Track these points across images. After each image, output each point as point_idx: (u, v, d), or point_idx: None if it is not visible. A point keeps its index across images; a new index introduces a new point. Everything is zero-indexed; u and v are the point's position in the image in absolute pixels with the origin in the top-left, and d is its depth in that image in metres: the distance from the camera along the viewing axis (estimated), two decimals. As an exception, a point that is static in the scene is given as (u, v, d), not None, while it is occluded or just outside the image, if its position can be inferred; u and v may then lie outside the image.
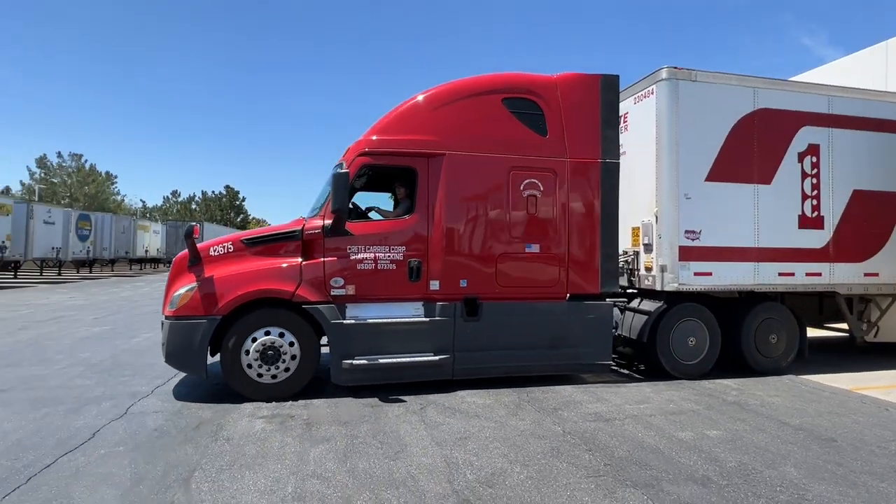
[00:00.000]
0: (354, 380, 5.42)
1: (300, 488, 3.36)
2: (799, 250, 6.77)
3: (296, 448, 4.04)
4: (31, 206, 23.74)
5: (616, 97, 6.29)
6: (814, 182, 6.84)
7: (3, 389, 5.48)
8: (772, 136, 6.72)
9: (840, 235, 6.90)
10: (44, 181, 49.95)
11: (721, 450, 4.17)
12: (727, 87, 6.60)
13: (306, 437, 4.29)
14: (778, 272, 6.68)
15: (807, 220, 6.81)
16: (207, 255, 5.49)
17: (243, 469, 3.63)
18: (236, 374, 5.21)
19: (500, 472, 3.67)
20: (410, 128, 5.86)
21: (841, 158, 6.94)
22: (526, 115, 6.03)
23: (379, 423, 4.64)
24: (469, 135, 5.88)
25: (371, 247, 5.58)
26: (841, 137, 6.95)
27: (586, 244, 6.11)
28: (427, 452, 4.00)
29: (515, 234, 5.94)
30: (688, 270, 6.37)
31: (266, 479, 3.48)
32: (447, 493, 3.35)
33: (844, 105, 7.00)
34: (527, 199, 5.96)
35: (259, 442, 4.15)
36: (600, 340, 6.14)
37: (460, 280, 5.76)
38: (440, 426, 4.61)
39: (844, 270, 6.94)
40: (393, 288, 5.63)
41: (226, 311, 5.18)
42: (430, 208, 5.74)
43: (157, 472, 3.56)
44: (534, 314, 5.97)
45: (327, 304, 5.42)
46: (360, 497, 3.27)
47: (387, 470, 3.67)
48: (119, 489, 3.31)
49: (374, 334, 5.51)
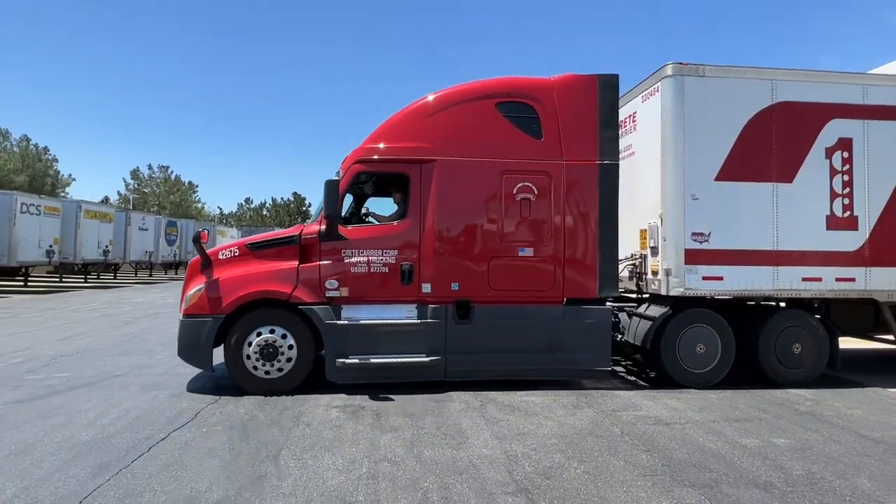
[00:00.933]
0: (348, 378, 5.67)
1: (373, 469, 3.73)
2: (828, 253, 6.25)
3: (367, 435, 4.43)
4: (129, 215, 26.49)
5: (615, 97, 6.19)
6: (845, 179, 6.30)
7: (120, 374, 6.34)
8: (794, 132, 6.26)
9: (879, 237, 6.32)
10: (137, 191, 55.26)
11: (788, 458, 4.10)
12: (740, 81, 6.24)
13: (376, 425, 4.68)
14: (802, 277, 6.20)
15: (837, 221, 6.28)
16: (217, 259, 5.93)
17: (323, 450, 4.06)
18: (238, 369, 5.57)
19: (557, 466, 3.85)
20: (404, 135, 6.05)
21: (880, 152, 6.34)
22: (520, 118, 6.04)
23: (442, 417, 4.95)
24: (461, 140, 5.97)
25: (364, 250, 5.78)
26: (880, 129, 6.36)
27: (583, 247, 6.04)
28: (487, 445, 4.25)
29: (508, 238, 5.95)
30: (695, 274, 6.07)
31: (343, 460, 3.88)
32: (507, 481, 3.58)
33: (884, 94, 6.41)
34: (520, 202, 5.95)
35: (335, 428, 4.58)
36: (599, 346, 6.02)
37: (451, 283, 5.86)
38: (500, 422, 4.84)
39: (884, 275, 6.33)
40: (385, 290, 5.81)
41: (229, 311, 5.56)
42: (421, 213, 5.87)
43: (250, 449, 4.06)
44: (528, 317, 5.95)
45: (322, 305, 5.67)
46: (427, 480, 3.58)
47: (450, 458, 3.96)
48: (221, 461, 3.83)
49: (368, 335, 5.70)
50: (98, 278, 25.59)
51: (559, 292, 5.99)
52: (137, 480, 3.47)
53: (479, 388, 5.84)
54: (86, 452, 3.91)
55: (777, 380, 6.30)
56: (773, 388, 6.18)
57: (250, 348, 5.56)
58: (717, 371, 6.24)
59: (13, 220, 18.32)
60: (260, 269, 5.77)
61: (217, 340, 5.60)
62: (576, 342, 5.96)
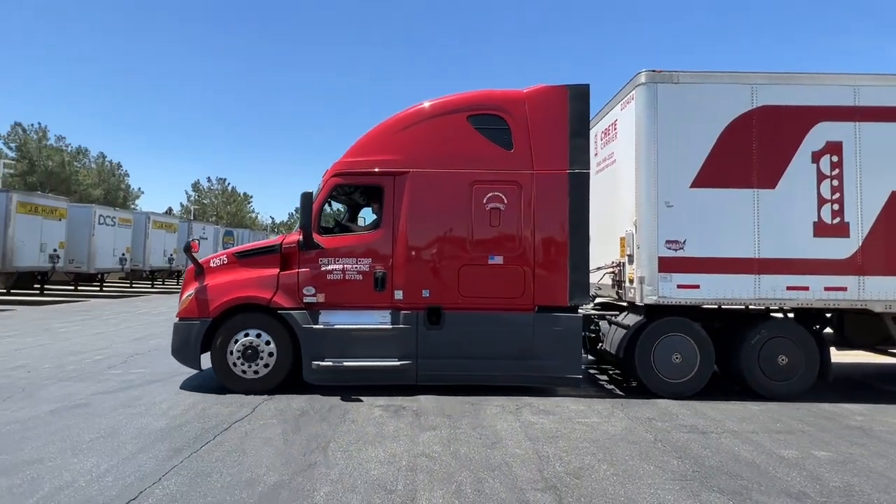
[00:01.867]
0: (322, 379, 5.95)
1: (412, 463, 4.02)
2: (815, 261, 6.01)
3: (408, 432, 4.73)
4: (191, 224, 28.41)
5: (585, 107, 6.22)
6: (834, 184, 6.06)
7: (186, 372, 6.96)
8: (776, 136, 6.09)
9: (873, 244, 6.01)
10: (197, 202, 58.89)
11: (827, 470, 4.06)
12: (718, 87, 6.16)
13: (416, 424, 4.98)
14: (786, 286, 5.99)
15: (825, 228, 6.03)
16: (208, 267, 6.36)
17: (366, 444, 4.40)
18: (222, 369, 5.95)
19: (587, 468, 4.00)
20: (379, 149, 6.30)
21: (874, 156, 6.06)
22: (491, 130, 6.20)
23: (478, 419, 5.19)
24: (433, 153, 6.19)
25: (340, 259, 6.08)
26: (873, 132, 6.07)
27: (554, 255, 6.10)
28: (521, 445, 4.45)
29: (477, 246, 6.09)
30: (670, 283, 5.99)
31: (384, 454, 4.20)
32: (537, 479, 3.78)
33: (878, 94, 6.12)
34: (490, 211, 6.09)
35: (378, 425, 4.92)
36: (569, 354, 6.04)
37: (422, 290, 6.05)
38: (534, 425, 5.03)
39: (880, 285, 6.00)
40: (360, 297, 6.06)
41: (215, 315, 5.97)
42: (394, 222, 6.11)
43: (302, 440, 4.46)
44: (498, 324, 6.05)
45: (300, 310, 6.00)
46: (461, 474, 3.83)
47: (484, 456, 4.20)
48: (276, 450, 4.24)
49: (343, 339, 5.97)
50: (163, 284, 27.52)
51: (530, 300, 6.08)
52: (205, 463, 3.92)
53: (516, 394, 6.04)
54: (162, 438, 4.44)
55: (761, 392, 6.14)
56: (821, 402, 6.01)
57: (234, 349, 5.94)
58: (696, 381, 6.12)
59: (92, 230, 20.15)
60: (244, 276, 6.18)
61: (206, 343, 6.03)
62: (546, 350, 6.01)
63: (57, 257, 18.70)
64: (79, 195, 40.90)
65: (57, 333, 10.09)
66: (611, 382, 7.10)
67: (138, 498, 3.34)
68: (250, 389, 5.90)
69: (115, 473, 3.70)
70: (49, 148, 43.58)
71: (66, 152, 45.21)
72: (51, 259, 18.52)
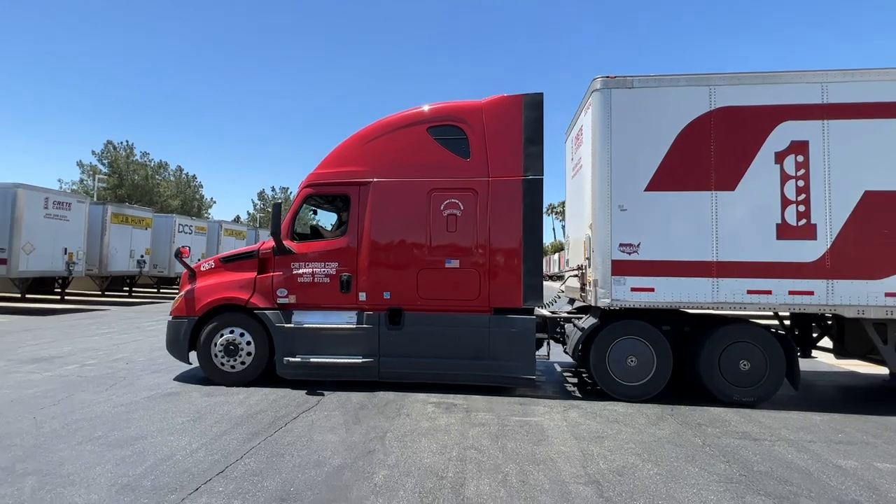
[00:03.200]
0: (294, 374, 6.39)
1: (462, 454, 4.32)
2: (779, 264, 5.81)
3: (458, 427, 5.03)
4: (258, 231, 30.31)
5: (539, 115, 6.37)
6: (800, 185, 5.84)
7: (258, 367, 7.65)
8: (736, 137, 5.94)
9: (843, 246, 5.75)
10: (262, 210, 62.47)
11: (888, 482, 3.95)
12: (674, 90, 6.08)
13: (466, 420, 5.27)
14: (747, 289, 5.83)
15: (789, 230, 5.83)
16: (199, 270, 6.96)
17: (420, 436, 4.74)
18: (207, 363, 6.53)
19: (630, 466, 4.13)
20: (346, 160, 6.68)
21: (845, 154, 5.80)
22: (449, 140, 6.45)
23: (526, 417, 5.41)
24: (394, 163, 6.51)
25: (310, 263, 6.52)
26: (843, 129, 5.81)
27: (508, 259, 6.27)
28: (566, 444, 4.63)
29: (435, 251, 6.35)
30: (623, 286, 6.00)
31: (437, 445, 4.52)
32: (580, 474, 3.96)
33: (848, 91, 5.83)
34: (447, 217, 6.35)
35: (430, 420, 5.26)
36: (524, 354, 6.18)
37: (384, 292, 6.39)
38: (580, 426, 5.18)
39: (851, 289, 5.73)
40: (328, 298, 6.46)
41: (200, 314, 6.58)
42: (359, 228, 6.49)
43: (362, 430, 4.88)
44: (456, 325, 6.27)
45: (274, 310, 6.50)
46: (508, 466, 4.08)
47: (530, 451, 4.42)
48: (339, 437, 4.68)
49: (312, 337, 6.40)
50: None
51: (485, 302, 6.29)
52: (279, 445, 4.41)
53: (565, 397, 6.18)
54: (241, 423, 5.01)
55: (722, 398, 5.99)
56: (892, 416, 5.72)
57: (217, 346, 6.52)
58: (653, 385, 6.09)
59: (173, 238, 22.09)
60: (227, 279, 6.76)
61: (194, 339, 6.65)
62: (502, 350, 6.20)
63: (143, 262, 20.68)
64: (159, 205, 44.66)
65: (147, 331, 11.27)
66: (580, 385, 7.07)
67: (225, 471, 3.86)
68: (233, 381, 6.48)
69: (205, 451, 4.26)
70: (135, 163, 47.92)
71: (149, 166, 49.51)
72: (138, 264, 20.52)
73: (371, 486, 3.68)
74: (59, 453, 4.14)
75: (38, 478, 3.68)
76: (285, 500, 3.43)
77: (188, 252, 7.08)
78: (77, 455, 4.11)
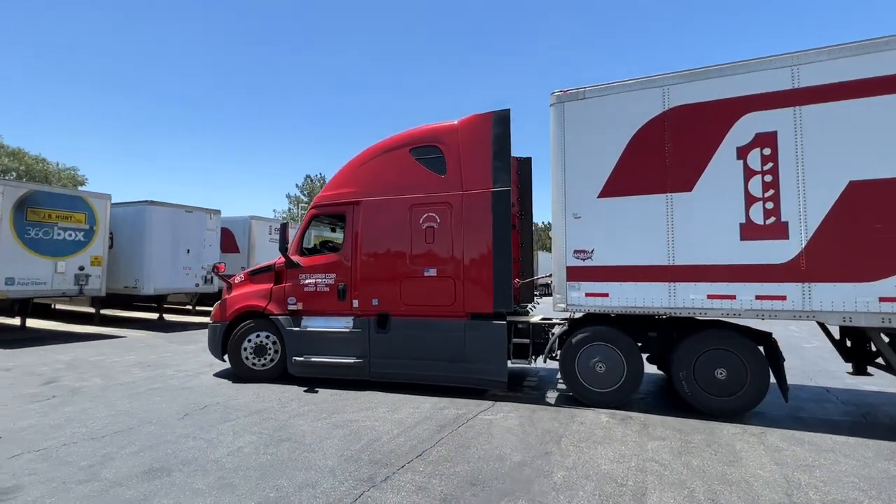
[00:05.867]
0: (300, 372, 7.28)
1: (641, 465, 4.27)
2: (743, 267, 5.42)
3: (635, 439, 4.95)
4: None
5: (506, 130, 6.65)
6: (767, 180, 5.39)
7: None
8: (693, 135, 5.69)
9: (823, 245, 5.18)
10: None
11: None
12: (626, 95, 6.01)
13: (643, 433, 5.14)
14: (707, 294, 5.53)
15: (755, 230, 5.40)
16: (234, 282, 8.09)
17: (595, 444, 4.81)
18: (236, 361, 7.59)
19: (851, 501, 3.60)
20: (343, 183, 7.48)
21: (822, 142, 5.21)
22: (428, 159, 6.98)
23: (713, 436, 5.04)
24: (381, 183, 7.18)
25: (314, 274, 7.39)
26: (820, 114, 5.22)
27: (480, 267, 6.61)
28: (764, 468, 4.22)
29: (415, 261, 6.91)
30: (578, 291, 6.11)
31: (613, 453, 4.54)
32: (784, 502, 3.60)
33: (823, 71, 5.23)
34: (425, 230, 6.87)
35: (605, 429, 5.26)
36: (495, 358, 6.48)
37: (373, 299, 7.06)
38: (781, 451, 4.64)
39: (834, 293, 5.11)
40: (328, 305, 7.27)
41: (230, 319, 7.73)
42: (352, 243, 7.25)
43: (537, 433, 5.14)
44: (435, 330, 6.74)
45: (286, 315, 7.43)
46: (694, 483, 3.92)
47: (720, 471, 4.15)
48: (517, 437, 5.01)
49: (315, 339, 7.25)
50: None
51: (461, 308, 6.68)
52: (463, 439, 4.93)
53: (757, 422, 5.57)
54: (429, 418, 5.69)
55: (699, 408, 5.73)
56: None
57: (248, 347, 7.56)
58: (623, 392, 6.04)
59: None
60: (251, 289, 7.84)
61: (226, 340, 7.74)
62: (476, 354, 6.56)
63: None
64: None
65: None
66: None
67: (422, 455, 4.49)
68: (260, 378, 7.47)
69: (404, 437, 4.99)
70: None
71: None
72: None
73: (551, 483, 3.91)
74: (300, 428, 5.29)
75: (290, 444, 4.78)
76: (476, 485, 3.87)
77: (224, 267, 8.55)
78: (312, 430, 5.20)
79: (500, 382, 6.51)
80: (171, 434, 5.06)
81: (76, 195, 13.55)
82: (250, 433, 5.09)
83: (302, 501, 3.60)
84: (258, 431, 5.15)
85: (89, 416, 5.69)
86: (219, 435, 5.03)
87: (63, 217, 12.88)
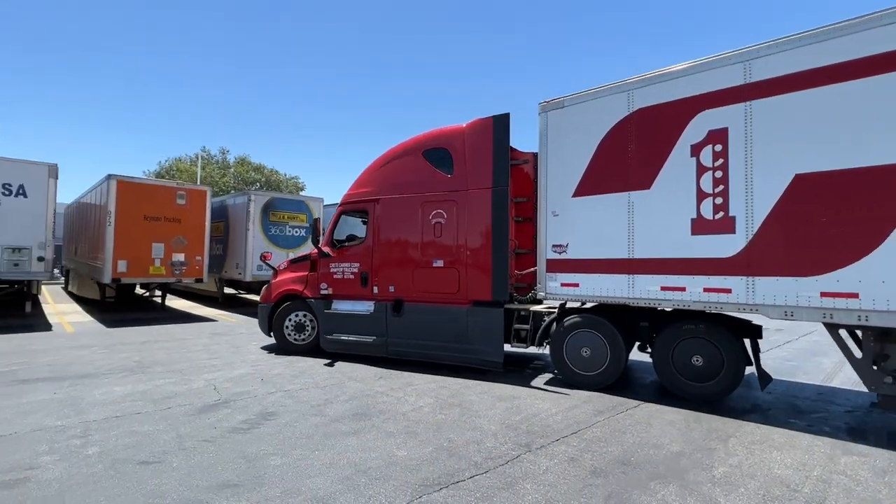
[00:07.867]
0: (330, 348, 8.30)
1: (825, 476, 3.87)
2: (692, 260, 5.57)
3: (825, 450, 4.43)
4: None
5: (505, 134, 7.11)
6: (717, 176, 5.42)
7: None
8: (653, 136, 5.90)
9: (766, 240, 5.12)
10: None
11: None
12: (599, 101, 6.37)
13: (838, 445, 4.55)
14: (660, 286, 5.78)
15: (705, 225, 5.49)
16: (279, 269, 9.32)
17: (771, 448, 4.46)
18: (281, 336, 8.78)
19: None
20: (366, 183, 8.34)
21: (771, 137, 5.11)
22: (438, 160, 7.61)
23: (938, 462, 4.21)
24: (397, 183, 7.94)
25: (342, 263, 8.38)
26: (769, 108, 5.12)
27: (480, 258, 7.18)
28: None
29: (425, 252, 7.63)
30: (555, 282, 6.68)
31: (791, 460, 4.18)
32: None
33: (773, 64, 5.11)
34: (434, 224, 7.57)
35: (789, 437, 4.79)
36: (493, 341, 7.05)
37: (389, 286, 7.89)
38: None
39: (777, 287, 5.05)
40: (353, 290, 8.25)
41: (274, 301, 8.93)
42: (373, 236, 8.12)
43: (702, 429, 4.96)
44: (441, 314, 7.42)
45: (318, 299, 8.54)
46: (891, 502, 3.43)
47: (937, 499, 3.53)
48: (678, 430, 4.92)
49: (343, 320, 8.26)
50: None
51: (464, 295, 7.29)
52: (620, 425, 5.06)
53: None
54: (587, 402, 5.90)
55: (678, 393, 5.97)
56: None
57: (289, 325, 8.73)
58: (606, 375, 6.40)
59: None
60: (292, 275, 8.98)
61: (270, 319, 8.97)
62: (476, 337, 7.17)
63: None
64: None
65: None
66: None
67: (577, 433, 4.79)
68: (297, 350, 8.67)
69: (562, 416, 5.34)
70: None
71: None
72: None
73: (709, 476, 3.86)
74: (469, 398, 6.05)
75: (460, 409, 5.55)
76: (626, 465, 4.05)
77: (271, 256, 9.71)
78: (479, 401, 5.91)
79: (497, 363, 7.09)
80: (371, 390, 6.30)
81: (299, 199, 16.95)
82: (429, 396, 6.04)
83: (469, 452, 4.27)
84: (435, 396, 6.06)
85: (315, 371, 7.38)
86: (405, 395, 6.09)
87: (292, 217, 16.28)
